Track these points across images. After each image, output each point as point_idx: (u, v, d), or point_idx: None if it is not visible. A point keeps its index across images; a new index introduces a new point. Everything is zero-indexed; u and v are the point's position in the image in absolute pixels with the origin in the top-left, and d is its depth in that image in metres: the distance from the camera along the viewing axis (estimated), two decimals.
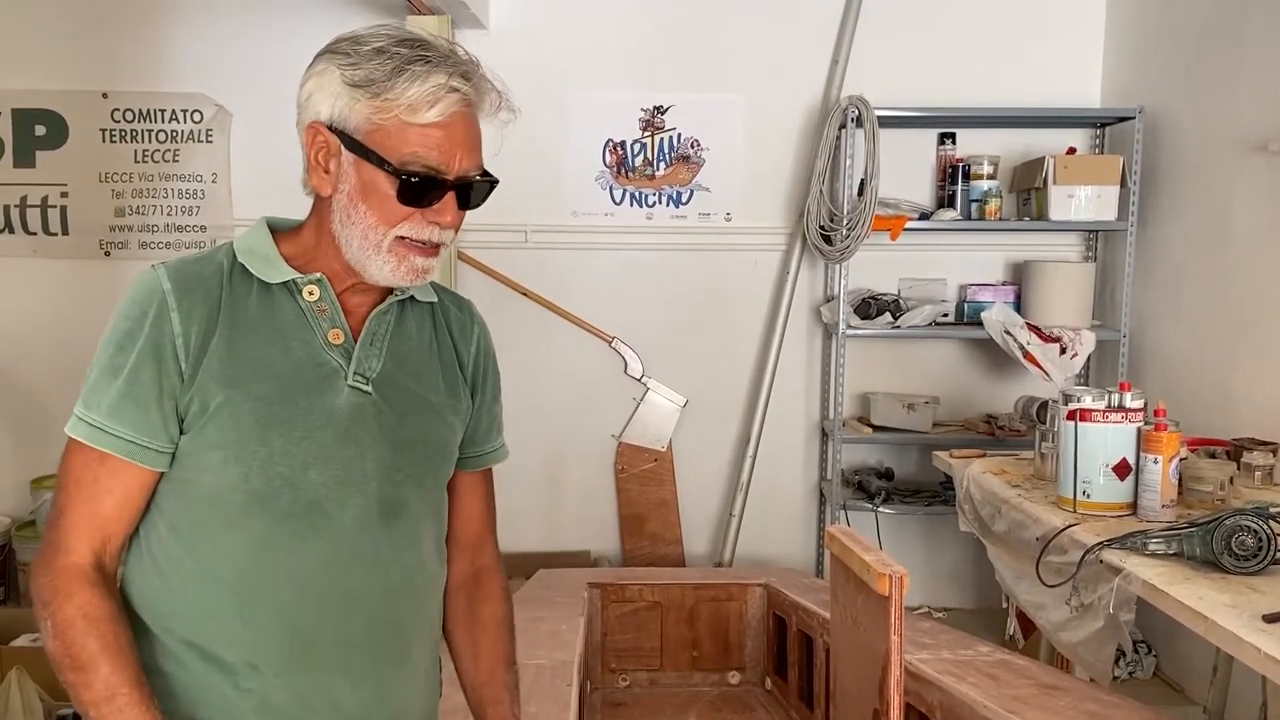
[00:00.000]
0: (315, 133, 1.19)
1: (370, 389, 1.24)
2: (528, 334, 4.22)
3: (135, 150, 4.23)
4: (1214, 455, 2.69)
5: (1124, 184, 3.86)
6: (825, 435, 4.31)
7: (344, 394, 1.23)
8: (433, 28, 3.69)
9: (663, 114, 4.24)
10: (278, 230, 1.27)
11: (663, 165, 4.26)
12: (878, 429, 4.12)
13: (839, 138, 4.01)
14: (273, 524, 1.19)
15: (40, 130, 4.21)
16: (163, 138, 4.23)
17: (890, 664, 1.39)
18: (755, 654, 3.11)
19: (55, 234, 4.25)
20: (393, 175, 1.16)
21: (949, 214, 4.06)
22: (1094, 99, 4.21)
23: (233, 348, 1.18)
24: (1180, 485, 2.38)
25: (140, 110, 4.21)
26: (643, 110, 4.23)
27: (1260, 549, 1.98)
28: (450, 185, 1.18)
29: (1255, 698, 2.75)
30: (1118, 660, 2.98)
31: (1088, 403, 2.40)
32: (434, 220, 1.19)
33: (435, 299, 1.36)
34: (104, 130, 4.22)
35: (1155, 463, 2.32)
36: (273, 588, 1.19)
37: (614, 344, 4.29)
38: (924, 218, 4.04)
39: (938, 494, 4.07)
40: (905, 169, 4.15)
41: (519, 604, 1.49)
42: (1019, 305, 4.09)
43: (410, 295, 1.31)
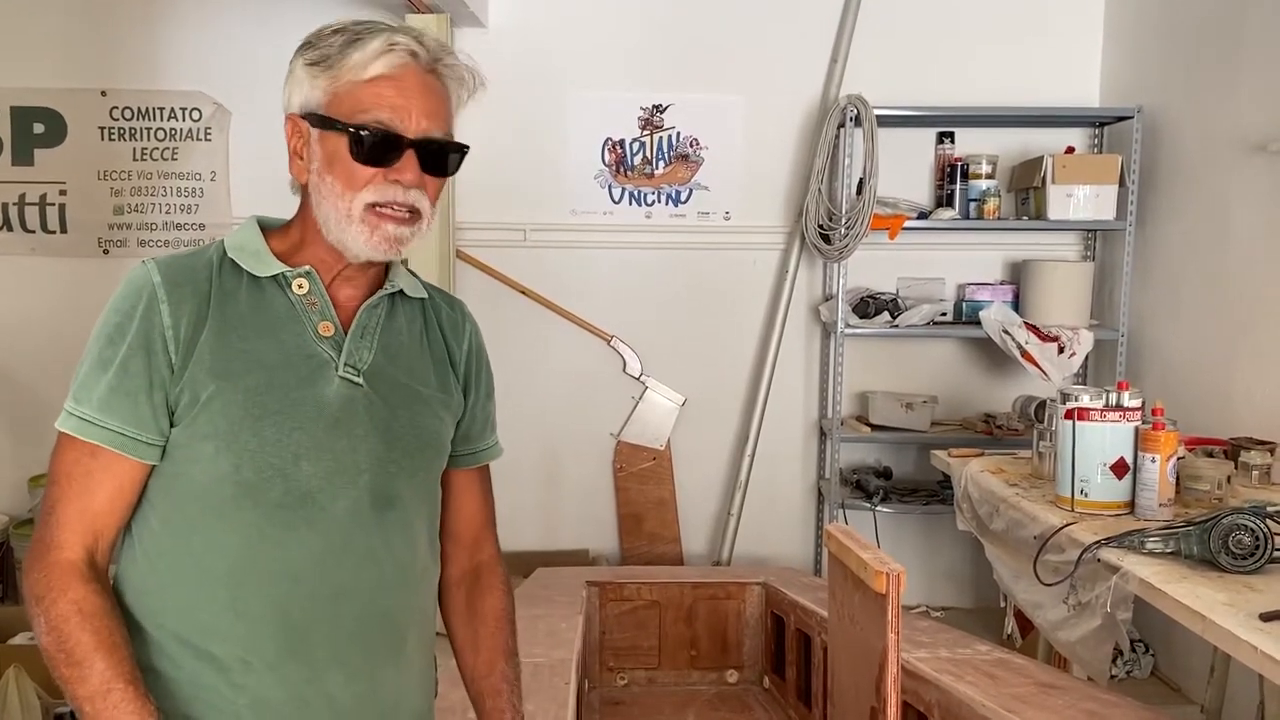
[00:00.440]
0: (291, 125, 1.23)
1: (361, 380, 1.24)
2: (526, 333, 4.23)
3: (134, 148, 4.23)
4: (1211, 454, 2.70)
5: (1122, 183, 3.86)
6: (823, 434, 4.31)
7: (335, 385, 1.23)
8: (431, 27, 3.69)
9: (662, 113, 4.24)
10: (268, 228, 1.29)
11: (662, 164, 4.26)
12: (876, 428, 4.12)
13: (838, 136, 4.01)
14: (264, 516, 1.19)
15: (39, 128, 4.21)
16: (161, 136, 4.23)
17: (887, 662, 1.39)
18: (753, 653, 3.11)
19: (54, 232, 4.25)
20: (348, 135, 1.18)
21: (947, 213, 4.06)
22: (1093, 98, 4.21)
23: (223, 340, 1.19)
24: (1178, 484, 2.38)
25: (139, 108, 4.21)
26: (642, 109, 4.24)
27: (1257, 548, 1.99)
28: (408, 144, 1.19)
29: (1253, 697, 2.75)
30: (1115, 659, 2.98)
31: (1086, 402, 2.40)
32: (395, 179, 1.19)
33: (426, 295, 1.36)
34: (103, 128, 4.22)
35: (1153, 462, 2.32)
36: (265, 580, 1.19)
37: (612, 342, 4.29)
38: (922, 217, 4.04)
39: (936, 493, 4.07)
40: (904, 168, 4.15)
41: (517, 602, 1.49)
42: (1017, 304, 4.09)
43: (400, 290, 1.31)
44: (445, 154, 1.23)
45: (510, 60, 4.15)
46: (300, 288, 1.24)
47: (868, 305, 4.07)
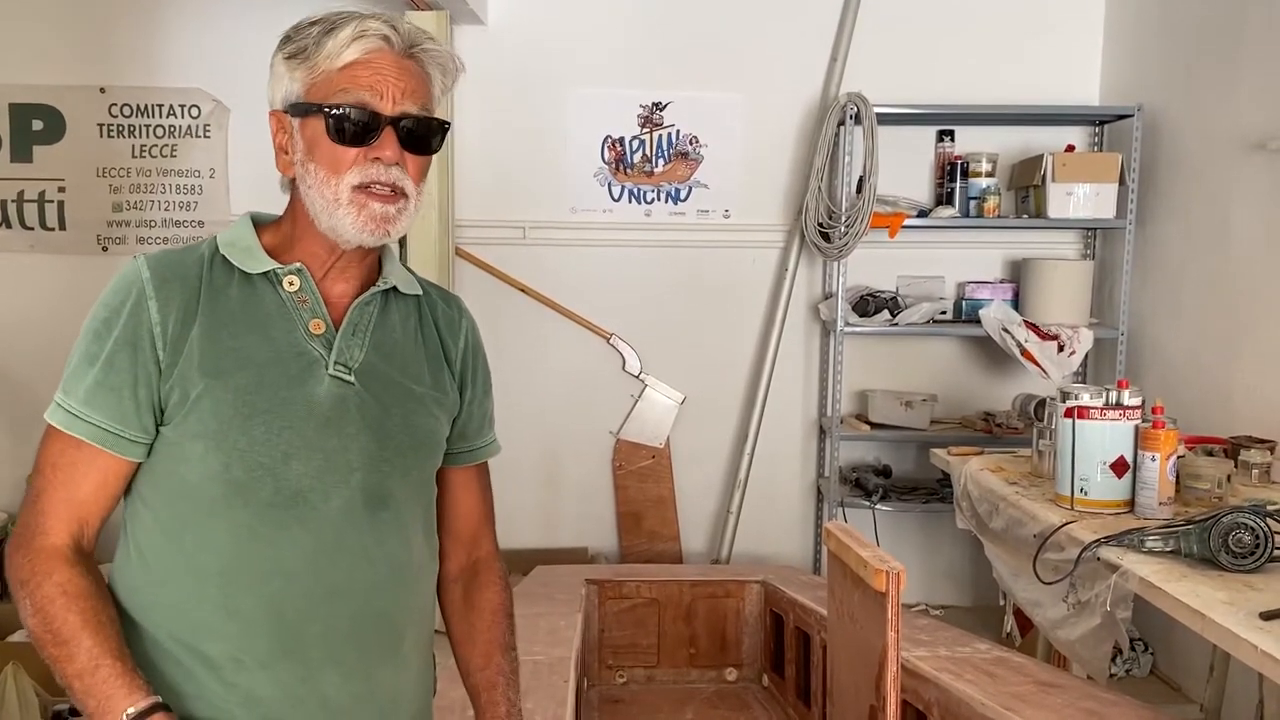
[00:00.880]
0: (275, 121, 1.24)
1: (353, 379, 1.24)
2: (525, 330, 4.22)
3: (133, 145, 4.22)
4: (1211, 453, 2.70)
5: (1123, 182, 3.86)
6: (823, 432, 4.31)
7: (325, 384, 1.22)
8: (431, 23, 3.69)
9: (661, 110, 4.23)
10: (261, 224, 1.28)
11: (661, 162, 4.26)
12: (875, 426, 4.11)
13: (837, 134, 4.00)
14: (255, 515, 1.18)
15: (38, 125, 4.20)
16: (160, 133, 4.22)
17: (887, 660, 1.39)
18: (752, 651, 3.11)
19: (53, 229, 4.24)
20: (325, 117, 1.18)
21: (947, 211, 4.05)
22: (1093, 96, 4.21)
23: (213, 338, 1.19)
24: (1178, 483, 2.38)
25: (138, 105, 4.21)
26: (641, 107, 4.23)
27: (1257, 547, 1.98)
28: (385, 121, 1.19)
29: (1252, 695, 2.75)
30: (1114, 658, 2.98)
31: (1086, 400, 2.40)
32: (375, 156, 1.19)
33: (420, 292, 1.35)
34: (101, 125, 4.21)
35: (1153, 460, 2.32)
36: (257, 579, 1.19)
37: (612, 340, 4.29)
38: (922, 215, 4.03)
39: (935, 491, 4.07)
40: (904, 166, 4.14)
41: (516, 600, 1.49)
42: (1017, 303, 4.09)
43: (393, 287, 1.31)
44: (426, 132, 1.23)
45: (510, 57, 4.14)
46: (291, 285, 1.23)
47: (867, 303, 4.07)
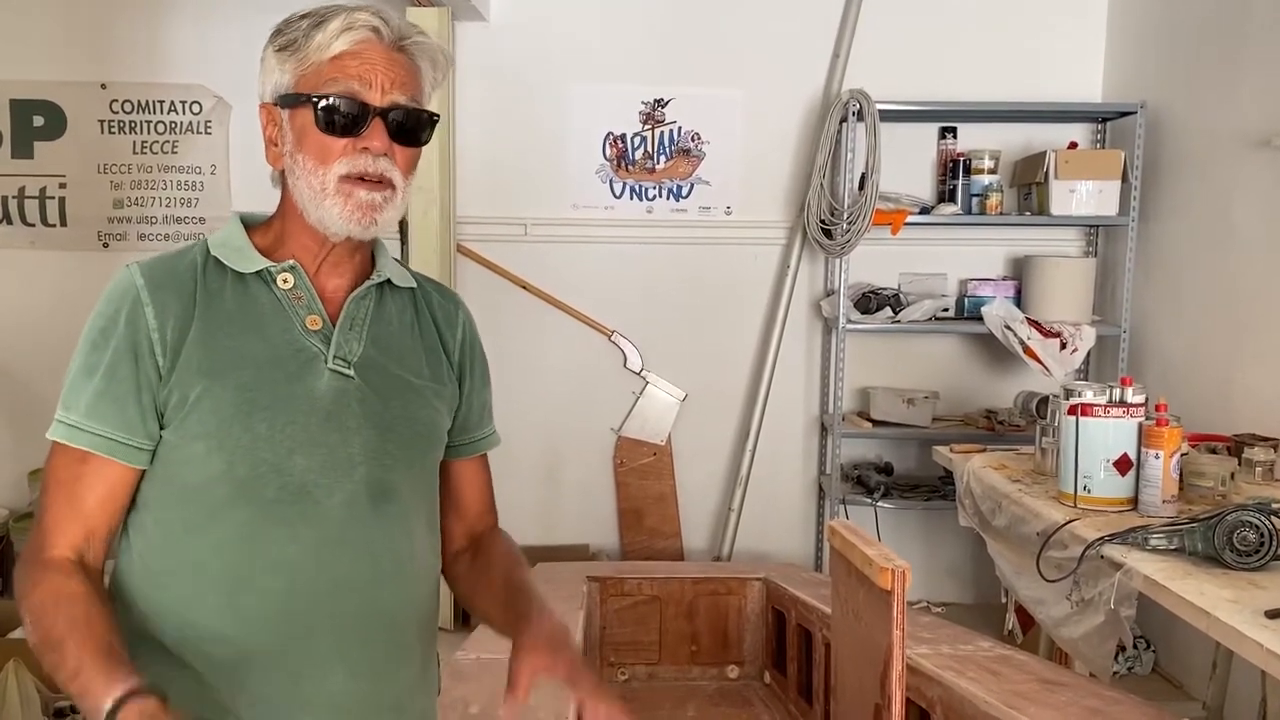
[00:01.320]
0: (265, 114, 1.24)
1: (352, 372, 1.24)
2: (526, 327, 4.22)
3: (134, 141, 4.22)
4: (1215, 451, 2.69)
5: (1125, 179, 3.85)
6: (825, 430, 4.30)
7: (325, 378, 1.22)
8: (432, 20, 3.68)
9: (663, 107, 4.22)
10: (251, 224, 1.28)
11: (663, 159, 4.25)
12: (877, 424, 4.11)
13: (840, 131, 4.00)
14: (259, 512, 1.18)
15: (38, 121, 4.20)
16: (161, 129, 4.22)
17: (892, 658, 1.39)
18: (754, 648, 3.10)
19: (54, 225, 4.23)
20: (314, 108, 1.18)
21: (949, 208, 4.05)
22: (1095, 93, 4.20)
23: (210, 339, 1.18)
24: (1181, 481, 2.37)
25: (139, 101, 4.20)
26: (643, 103, 4.22)
27: (1262, 545, 1.98)
28: (374, 111, 1.19)
29: (1254, 694, 2.75)
30: (1117, 655, 2.98)
31: (1089, 398, 2.39)
32: (363, 146, 1.19)
33: (415, 285, 1.35)
34: (102, 121, 4.21)
35: (1156, 458, 2.32)
36: (262, 578, 1.18)
37: (613, 337, 4.28)
38: (924, 212, 4.03)
39: (937, 489, 4.07)
40: (906, 163, 4.14)
41: None
42: (1019, 300, 4.08)
43: (388, 280, 1.30)
44: (415, 124, 1.22)
45: (511, 54, 4.13)
46: (285, 282, 1.23)
47: (869, 300, 4.06)
